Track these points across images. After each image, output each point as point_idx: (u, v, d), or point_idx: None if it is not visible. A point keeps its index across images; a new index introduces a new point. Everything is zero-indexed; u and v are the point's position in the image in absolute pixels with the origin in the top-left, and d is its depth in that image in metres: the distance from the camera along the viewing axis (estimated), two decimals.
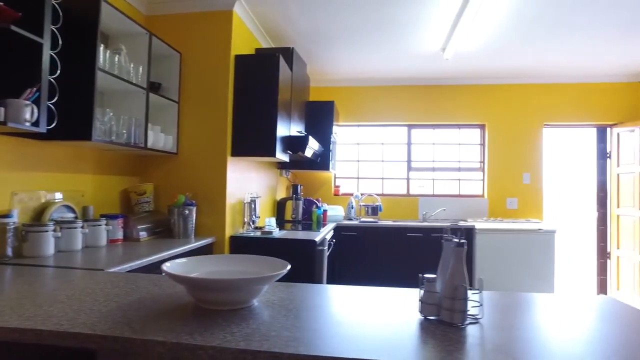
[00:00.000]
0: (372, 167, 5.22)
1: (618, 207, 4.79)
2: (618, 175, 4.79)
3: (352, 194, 5.04)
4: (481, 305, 1.26)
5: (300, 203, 4.45)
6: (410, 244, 4.38)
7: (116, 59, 2.42)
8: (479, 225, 4.38)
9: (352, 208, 4.82)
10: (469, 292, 1.23)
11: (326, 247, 3.58)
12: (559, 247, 4.92)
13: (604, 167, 4.99)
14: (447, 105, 5.01)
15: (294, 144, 3.53)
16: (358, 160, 5.23)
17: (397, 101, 5.07)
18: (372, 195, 4.90)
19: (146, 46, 2.68)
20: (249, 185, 3.54)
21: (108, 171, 2.83)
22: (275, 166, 4.33)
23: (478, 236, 4.29)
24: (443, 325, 1.14)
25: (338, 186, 5.13)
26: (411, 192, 5.14)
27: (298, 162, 4.34)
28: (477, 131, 5.08)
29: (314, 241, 3.01)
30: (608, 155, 4.96)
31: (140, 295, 1.34)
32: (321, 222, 4.41)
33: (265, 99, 3.14)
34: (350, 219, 4.75)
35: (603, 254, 4.96)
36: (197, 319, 1.12)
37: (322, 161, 4.42)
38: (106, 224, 2.43)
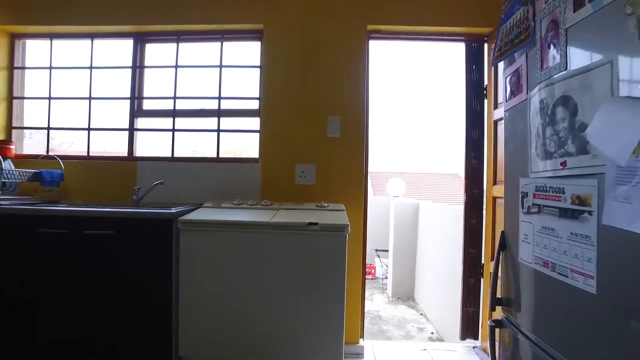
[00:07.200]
0: (76, 107, 2.70)
1: (495, 183, 2.40)
2: (496, 124, 2.39)
3: (38, 156, 2.56)
4: None
5: None
6: (42, 246, 1.90)
7: None
8: (194, 215, 1.93)
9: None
10: None
11: None
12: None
13: (480, 111, 2.59)
14: None
15: None
16: (49, 98, 2.70)
17: None
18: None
19: None
20: None
21: None
22: None
23: (184, 235, 1.84)
24: None
25: (8, 143, 2.59)
26: (138, 153, 2.66)
27: None
28: (256, 46, 2.61)
29: None
30: (484, 91, 2.56)
31: None
32: None
33: None
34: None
35: (473, 266, 2.57)
36: None
37: None
38: None
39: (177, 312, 1.85)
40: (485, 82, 2.54)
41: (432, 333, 3.86)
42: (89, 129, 2.62)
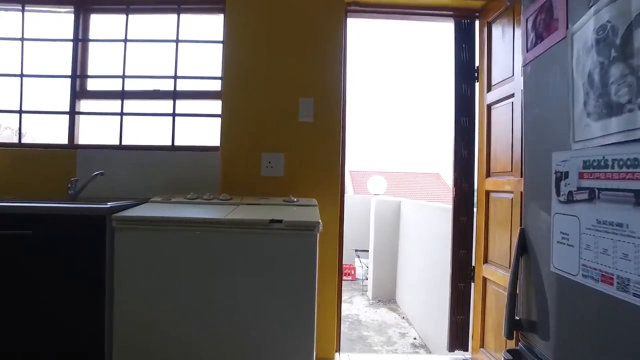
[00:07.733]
0: (4, 86, 2.27)
1: (488, 175, 2.10)
2: (489, 108, 2.10)
3: None
4: None
5: None
6: None
7: None
8: (134, 212, 1.56)
9: None
10: None
11: None
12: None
13: (470, 96, 2.29)
14: None
15: None
16: None
17: None
18: None
19: None
20: None
21: None
22: None
23: (120, 235, 1.47)
24: None
25: None
26: (81, 141, 2.25)
27: None
28: (219, 19, 2.25)
29: None
30: (476, 73, 2.27)
31: None
32: None
33: None
34: None
35: (462, 269, 2.26)
36: None
37: None
38: None
39: (111, 326, 1.48)
40: (477, 64, 2.24)
41: (415, 338, 3.56)
42: (20, 112, 2.20)
